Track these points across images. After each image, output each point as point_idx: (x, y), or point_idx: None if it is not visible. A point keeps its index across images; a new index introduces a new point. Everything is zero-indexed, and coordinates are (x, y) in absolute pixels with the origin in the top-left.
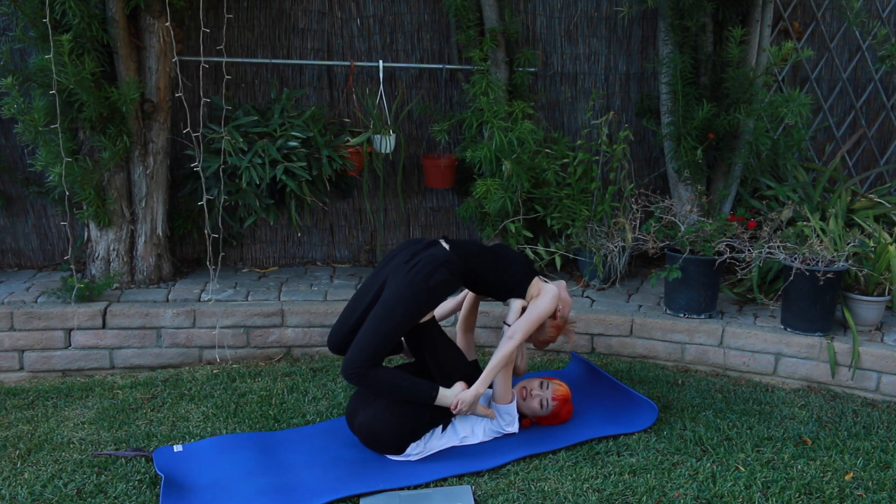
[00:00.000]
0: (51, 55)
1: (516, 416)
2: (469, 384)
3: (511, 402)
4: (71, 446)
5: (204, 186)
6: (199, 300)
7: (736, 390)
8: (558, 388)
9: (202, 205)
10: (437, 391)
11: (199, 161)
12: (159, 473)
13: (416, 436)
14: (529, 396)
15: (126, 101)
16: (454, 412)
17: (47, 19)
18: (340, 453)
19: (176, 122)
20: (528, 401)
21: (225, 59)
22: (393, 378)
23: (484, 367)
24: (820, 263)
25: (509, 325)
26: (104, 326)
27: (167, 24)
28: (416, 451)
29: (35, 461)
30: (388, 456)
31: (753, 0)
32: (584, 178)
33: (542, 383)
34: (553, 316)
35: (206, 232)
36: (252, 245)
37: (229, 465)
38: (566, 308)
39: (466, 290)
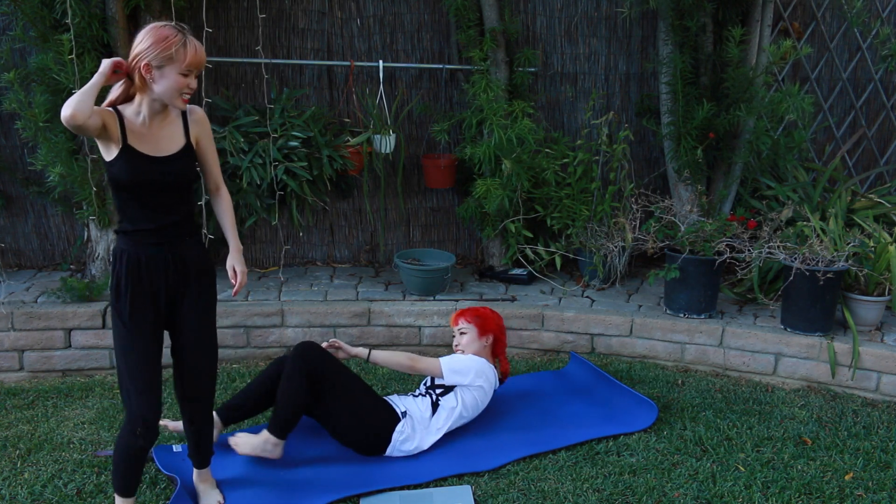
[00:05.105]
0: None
1: (467, 370)
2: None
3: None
4: (71, 446)
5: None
6: None
7: (736, 390)
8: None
9: (201, 205)
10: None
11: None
12: (162, 471)
13: (388, 425)
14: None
15: None
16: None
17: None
18: (340, 453)
19: None
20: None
21: (224, 60)
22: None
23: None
24: (820, 263)
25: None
26: (104, 326)
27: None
28: (401, 436)
29: (35, 461)
30: (385, 453)
31: (753, 0)
32: (584, 178)
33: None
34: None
35: (203, 232)
36: (252, 245)
37: (229, 466)
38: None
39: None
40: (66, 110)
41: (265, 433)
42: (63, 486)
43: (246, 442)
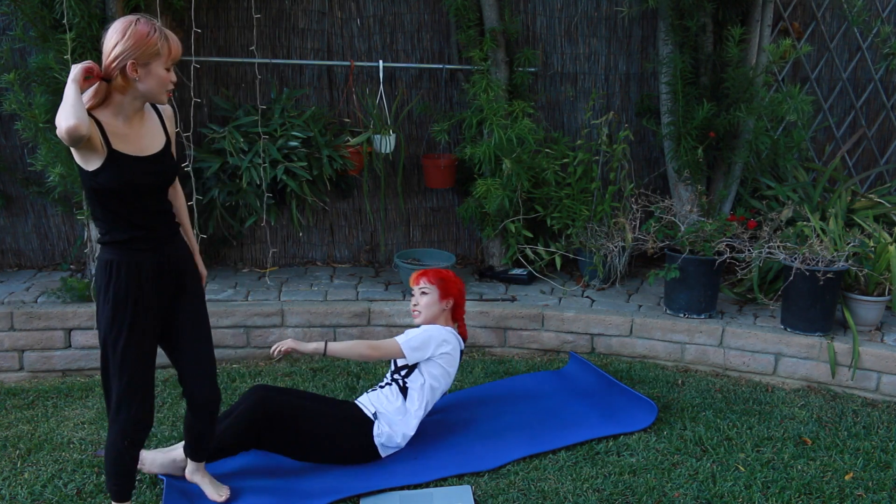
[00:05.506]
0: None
1: (429, 342)
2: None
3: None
4: (71, 446)
5: (195, 186)
6: None
7: (736, 390)
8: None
9: (191, 205)
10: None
11: (189, 161)
12: (159, 476)
13: (365, 432)
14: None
15: None
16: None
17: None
18: None
19: (178, 122)
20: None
21: (224, 60)
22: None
23: None
24: (820, 263)
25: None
26: None
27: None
28: (382, 438)
29: (35, 461)
30: (381, 456)
31: (753, 0)
32: (584, 178)
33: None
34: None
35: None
36: (252, 245)
37: (228, 469)
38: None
39: None
40: (69, 121)
41: (179, 451)
42: (63, 486)
43: (153, 460)
